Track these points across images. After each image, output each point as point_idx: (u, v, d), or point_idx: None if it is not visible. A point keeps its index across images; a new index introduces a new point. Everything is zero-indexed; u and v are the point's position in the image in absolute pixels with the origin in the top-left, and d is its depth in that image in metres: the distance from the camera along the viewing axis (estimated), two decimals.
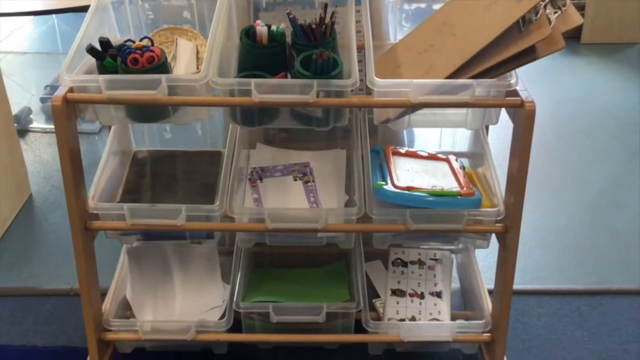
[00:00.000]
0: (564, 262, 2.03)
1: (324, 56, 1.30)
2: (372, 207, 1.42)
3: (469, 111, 1.38)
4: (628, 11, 3.76)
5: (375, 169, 1.55)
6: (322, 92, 1.31)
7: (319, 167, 1.66)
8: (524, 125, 1.32)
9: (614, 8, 3.72)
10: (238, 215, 1.43)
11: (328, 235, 1.48)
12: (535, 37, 1.28)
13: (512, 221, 1.40)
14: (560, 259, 2.04)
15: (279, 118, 1.40)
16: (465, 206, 1.41)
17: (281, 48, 1.42)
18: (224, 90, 1.32)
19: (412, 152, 1.63)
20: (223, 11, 1.48)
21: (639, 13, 3.79)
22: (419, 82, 1.30)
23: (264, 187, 1.60)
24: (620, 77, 3.42)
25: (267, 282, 1.71)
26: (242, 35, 1.41)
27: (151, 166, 1.66)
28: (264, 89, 1.29)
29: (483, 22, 1.35)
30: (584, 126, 2.91)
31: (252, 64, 1.41)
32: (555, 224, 2.20)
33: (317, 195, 1.58)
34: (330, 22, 1.40)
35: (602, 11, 3.77)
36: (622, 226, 2.18)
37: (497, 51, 1.31)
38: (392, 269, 1.74)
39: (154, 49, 1.34)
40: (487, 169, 1.59)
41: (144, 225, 1.42)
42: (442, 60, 1.37)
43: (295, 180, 1.63)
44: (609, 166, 2.58)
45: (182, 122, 1.39)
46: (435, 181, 1.50)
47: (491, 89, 1.31)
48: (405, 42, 1.51)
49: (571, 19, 1.34)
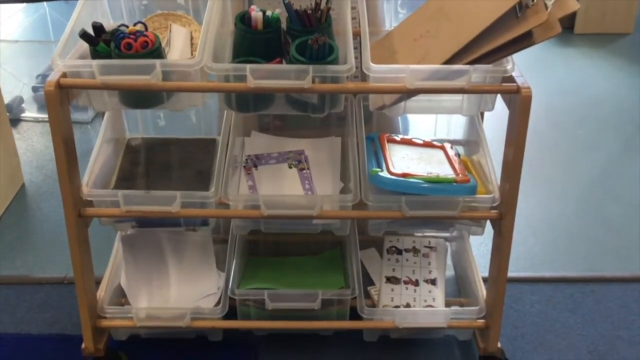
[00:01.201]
0: (558, 250, 2.03)
1: (319, 42, 1.29)
2: (368, 194, 1.42)
3: (464, 97, 1.38)
4: (621, 2, 3.76)
5: (370, 156, 1.55)
6: (318, 78, 1.30)
7: (314, 155, 1.65)
8: (520, 112, 1.32)
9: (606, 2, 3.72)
10: (233, 202, 1.42)
11: (323, 223, 1.48)
12: (532, 23, 1.28)
13: (507, 208, 1.41)
14: (553, 247, 2.04)
15: (274, 104, 1.39)
16: (460, 193, 1.41)
17: (276, 34, 1.41)
18: (218, 76, 1.31)
19: (408, 140, 1.63)
20: None
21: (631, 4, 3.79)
22: (415, 68, 1.29)
23: (259, 175, 1.60)
24: (613, 67, 3.43)
25: (262, 270, 1.71)
26: (237, 20, 1.40)
27: (145, 154, 1.65)
28: (260, 74, 1.28)
29: (479, 7, 1.35)
30: (577, 116, 2.91)
31: (247, 49, 1.40)
32: (549, 212, 2.21)
33: (312, 183, 1.58)
34: (326, 7, 1.39)
35: (595, 2, 3.77)
36: (615, 215, 2.19)
37: (493, 37, 1.30)
38: (386, 257, 1.74)
39: (148, 34, 1.33)
40: (483, 157, 1.59)
41: (138, 212, 1.41)
42: (438, 46, 1.36)
43: (290, 167, 1.62)
44: (602, 155, 2.59)
45: (176, 108, 1.38)
46: (430, 168, 1.50)
47: (487, 75, 1.30)
48: (401, 28, 1.50)
49: (568, 5, 1.33)
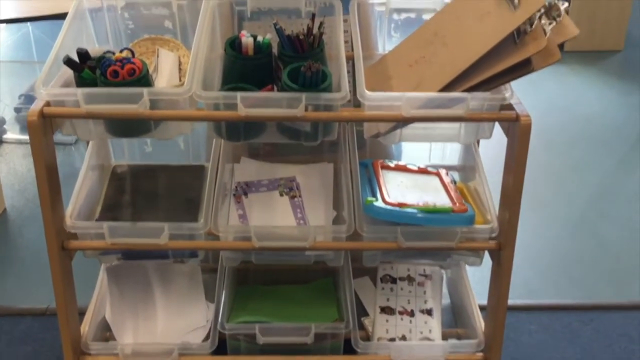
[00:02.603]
0: (554, 276, 1.99)
1: (312, 68, 1.25)
2: (362, 224, 1.37)
3: (462, 125, 1.34)
4: (611, 19, 3.76)
5: (364, 183, 1.50)
6: (311, 106, 1.26)
7: (305, 182, 1.60)
8: (520, 140, 1.28)
9: (597, 16, 3.72)
10: (223, 233, 1.37)
11: (316, 254, 1.43)
12: (531, 49, 1.24)
13: (507, 238, 1.36)
14: (550, 273, 2.00)
15: (266, 132, 1.35)
16: (458, 223, 1.37)
17: (267, 59, 1.37)
18: (208, 104, 1.26)
19: (402, 166, 1.59)
20: (206, 21, 1.43)
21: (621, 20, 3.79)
22: (411, 96, 1.25)
23: (249, 203, 1.55)
24: (604, 85, 3.42)
25: (253, 301, 1.65)
26: (227, 46, 1.36)
27: (131, 181, 1.59)
28: (251, 102, 1.24)
29: (476, 33, 1.31)
30: (569, 135, 2.89)
31: (237, 75, 1.35)
32: (544, 236, 2.17)
33: (304, 211, 1.53)
34: (319, 32, 1.35)
35: (585, 19, 3.76)
36: (611, 237, 2.16)
37: (491, 63, 1.27)
38: (380, 286, 1.69)
39: (135, 60, 1.28)
40: (479, 183, 1.55)
41: (124, 245, 1.36)
42: (434, 72, 1.32)
43: (281, 195, 1.57)
44: (595, 176, 2.57)
45: (164, 137, 1.33)
46: (426, 196, 1.46)
47: (485, 103, 1.26)
48: (396, 53, 1.46)
49: (567, 30, 1.30)
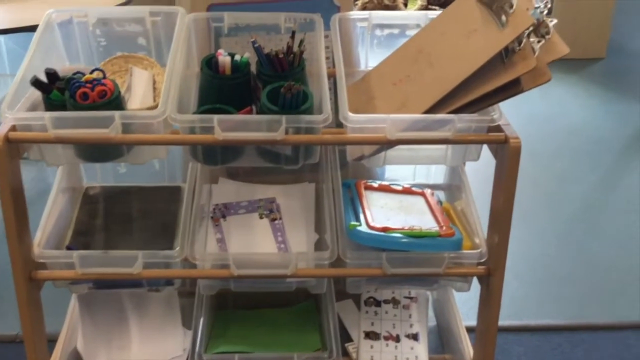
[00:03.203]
0: (542, 294, 1.95)
1: (293, 90, 1.19)
2: (346, 250, 1.32)
3: (448, 147, 1.29)
4: (593, 27, 3.75)
5: (347, 205, 1.45)
6: (292, 129, 1.20)
7: (286, 203, 1.55)
8: (509, 163, 1.23)
9: (579, 24, 3.70)
10: (200, 261, 1.31)
11: (298, 280, 1.37)
12: (520, 69, 1.20)
13: (496, 263, 1.31)
14: (537, 291, 1.96)
15: (244, 156, 1.29)
16: (445, 248, 1.32)
17: (245, 79, 1.31)
18: (183, 127, 1.20)
19: (386, 186, 1.53)
20: (182, 37, 1.37)
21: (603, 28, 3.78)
22: (396, 118, 1.20)
23: (228, 226, 1.48)
24: (587, 94, 3.39)
25: (233, 327, 1.59)
26: (203, 65, 1.30)
27: (104, 204, 1.53)
28: (228, 125, 1.18)
29: (462, 51, 1.26)
30: (554, 146, 2.86)
31: (214, 96, 1.29)
32: (531, 252, 2.13)
33: (285, 235, 1.47)
34: (299, 51, 1.29)
35: (567, 27, 3.74)
36: (599, 253, 2.12)
37: (478, 84, 1.22)
38: (364, 309, 1.64)
39: (106, 81, 1.21)
40: (466, 203, 1.50)
41: (95, 275, 1.29)
42: (419, 92, 1.27)
43: (261, 217, 1.51)
44: (581, 188, 2.53)
45: (137, 161, 1.26)
46: (412, 219, 1.41)
47: (473, 125, 1.21)
48: (379, 70, 1.41)
49: (556, 48, 1.26)
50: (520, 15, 1.22)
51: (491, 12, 1.28)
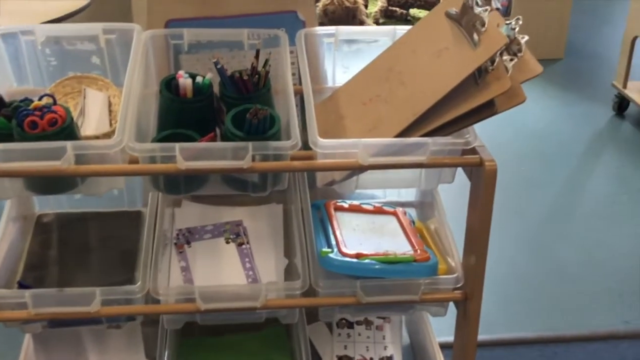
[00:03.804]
0: (513, 304, 1.93)
1: (259, 115, 1.13)
2: (318, 278, 1.26)
3: (423, 170, 1.24)
4: (550, 27, 3.76)
5: (317, 229, 1.39)
6: (259, 156, 1.13)
7: (253, 226, 1.48)
8: (485, 185, 1.19)
9: (536, 25, 3.71)
10: (164, 296, 1.23)
11: (269, 312, 1.31)
12: (494, 90, 1.15)
13: (473, 287, 1.27)
14: (508, 302, 1.94)
15: (209, 184, 1.22)
16: (421, 274, 1.27)
17: (208, 101, 1.24)
18: (143, 157, 1.12)
19: (357, 206, 1.48)
20: (139, 56, 1.29)
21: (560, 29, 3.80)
22: (368, 142, 1.15)
23: (193, 253, 1.41)
24: (547, 95, 3.40)
25: (199, 355, 1.52)
26: (162, 87, 1.23)
27: (58, 233, 1.44)
28: (191, 154, 1.11)
29: (434, 71, 1.21)
30: (517, 150, 2.85)
31: (175, 120, 1.22)
32: (500, 261, 2.10)
33: (253, 261, 1.41)
34: (264, 71, 1.23)
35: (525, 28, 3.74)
36: (568, 260, 2.11)
37: (452, 105, 1.17)
38: (337, 332, 1.59)
39: (56, 108, 1.13)
40: (439, 222, 1.46)
41: (50, 315, 1.20)
42: (391, 113, 1.22)
43: (227, 242, 1.44)
44: (546, 192, 2.53)
45: (93, 192, 1.18)
46: (385, 243, 1.35)
47: (447, 148, 1.17)
48: (348, 89, 1.35)
49: (529, 67, 1.22)
50: (492, 34, 1.18)
51: (461, 29, 1.23)
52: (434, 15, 1.30)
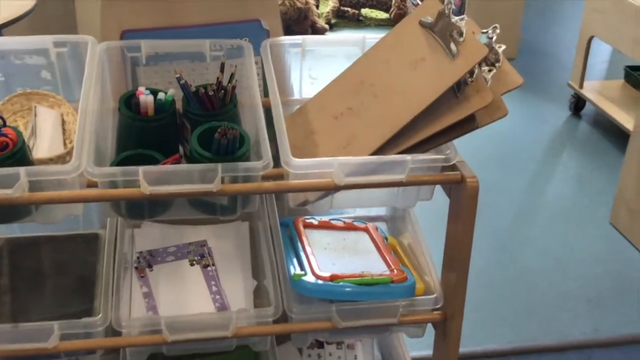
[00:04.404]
0: (482, 314, 1.90)
1: (228, 135, 1.05)
2: (291, 303, 1.19)
3: (400, 189, 1.19)
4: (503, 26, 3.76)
5: (287, 247, 1.32)
6: (228, 178, 1.06)
7: (218, 246, 1.40)
8: (466, 203, 1.14)
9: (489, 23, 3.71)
10: (127, 328, 1.15)
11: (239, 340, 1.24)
12: (475, 104, 1.11)
13: (454, 307, 1.23)
14: (478, 312, 1.90)
15: (175, 207, 1.14)
16: (398, 295, 1.22)
17: (171, 119, 1.16)
18: (103, 182, 1.04)
19: (326, 223, 1.42)
20: (93, 70, 1.20)
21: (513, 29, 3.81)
22: (344, 161, 1.08)
23: (155, 277, 1.33)
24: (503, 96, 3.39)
25: None
26: (122, 105, 1.14)
27: (9, 259, 1.33)
28: (155, 177, 1.03)
29: (411, 84, 1.16)
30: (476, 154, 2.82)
31: (136, 139, 1.14)
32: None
33: (220, 284, 1.33)
34: (231, 86, 1.16)
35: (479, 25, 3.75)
36: (534, 267, 2.10)
37: (430, 120, 1.12)
38: (307, 353, 1.52)
39: (6, 130, 1.03)
40: (413, 237, 1.41)
41: (4, 352, 1.11)
42: (366, 128, 1.16)
43: (192, 264, 1.36)
44: (507, 197, 2.51)
45: (49, 221, 1.09)
46: (359, 262, 1.30)
47: (426, 165, 1.12)
48: (317, 101, 1.29)
49: (509, 78, 1.18)
50: (471, 44, 1.13)
51: (437, 38, 1.18)
52: (407, 24, 1.25)
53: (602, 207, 2.43)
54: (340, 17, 4.52)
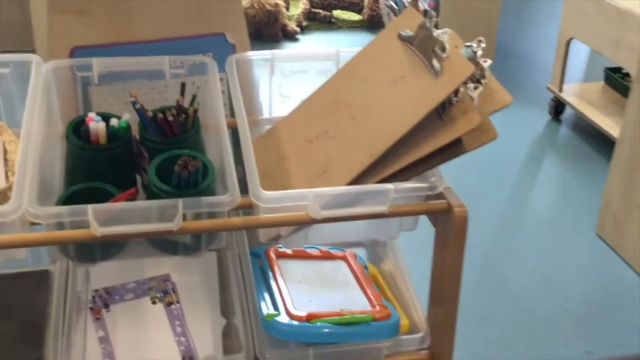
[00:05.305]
0: (468, 334, 1.79)
1: (190, 167, 0.94)
2: (263, 347, 1.08)
3: (382, 220, 1.08)
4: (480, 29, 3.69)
5: (258, 281, 1.21)
6: (191, 214, 0.95)
7: (183, 280, 1.28)
8: (454, 233, 1.04)
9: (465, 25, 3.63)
10: None
11: None
12: (462, 127, 1.00)
13: (442, 346, 1.12)
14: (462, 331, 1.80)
15: (130, 247, 1.02)
16: (382, 335, 1.11)
17: (126, 146, 1.04)
18: (48, 224, 0.92)
19: (301, 252, 1.30)
20: (39, 92, 1.08)
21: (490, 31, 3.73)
22: (320, 193, 0.97)
23: (112, 319, 1.20)
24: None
25: None
26: (69, 132, 1.02)
27: None
28: (107, 217, 0.91)
29: (390, 104, 1.05)
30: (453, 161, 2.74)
31: (86, 171, 1.02)
32: None
33: (185, 324, 1.21)
34: (193, 110, 1.04)
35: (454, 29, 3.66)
36: (520, 285, 2.01)
37: (413, 145, 1.01)
38: None
39: None
40: (394, 264, 1.31)
41: None
42: (342, 154, 1.05)
43: (154, 302, 1.24)
44: (489, 208, 2.42)
45: None
46: (338, 297, 1.19)
47: (410, 194, 1.01)
48: (289, 122, 1.18)
49: (498, 97, 1.08)
50: (456, 61, 1.03)
51: (418, 53, 1.08)
52: (385, 37, 1.14)
53: (587, 217, 2.36)
54: (312, 20, 4.42)
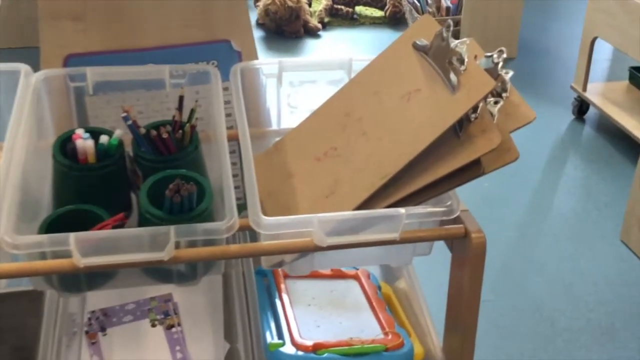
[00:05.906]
0: (487, 354, 1.71)
1: (182, 192, 0.86)
2: None
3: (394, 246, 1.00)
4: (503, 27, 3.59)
5: (263, 304, 1.14)
6: (185, 242, 0.87)
7: (186, 301, 1.21)
8: (472, 260, 0.96)
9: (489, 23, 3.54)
10: None
11: None
12: (481, 147, 0.92)
13: None
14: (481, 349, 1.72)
15: (119, 276, 0.95)
16: None
17: (118, 165, 0.97)
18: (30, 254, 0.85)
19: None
20: (26, 105, 1.01)
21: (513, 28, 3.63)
22: (326, 218, 0.90)
23: (109, 343, 1.14)
24: None
25: None
26: (56, 150, 0.95)
27: None
28: (92, 246, 0.84)
29: (404, 120, 0.97)
30: None
31: (75, 192, 0.95)
32: None
33: (186, 349, 1.14)
34: (190, 127, 0.96)
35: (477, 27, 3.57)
36: (542, 294, 1.92)
37: (428, 166, 0.93)
38: None
39: None
40: (408, 284, 1.23)
41: None
42: (352, 173, 0.97)
43: (153, 325, 1.18)
44: (511, 212, 2.33)
45: None
46: (348, 323, 1.12)
47: (424, 220, 0.93)
48: (296, 137, 1.10)
49: (521, 112, 0.99)
50: (475, 75, 0.94)
51: (434, 65, 0.99)
52: (399, 46, 1.05)
53: (611, 222, 2.26)
54: (334, 16, 4.33)
